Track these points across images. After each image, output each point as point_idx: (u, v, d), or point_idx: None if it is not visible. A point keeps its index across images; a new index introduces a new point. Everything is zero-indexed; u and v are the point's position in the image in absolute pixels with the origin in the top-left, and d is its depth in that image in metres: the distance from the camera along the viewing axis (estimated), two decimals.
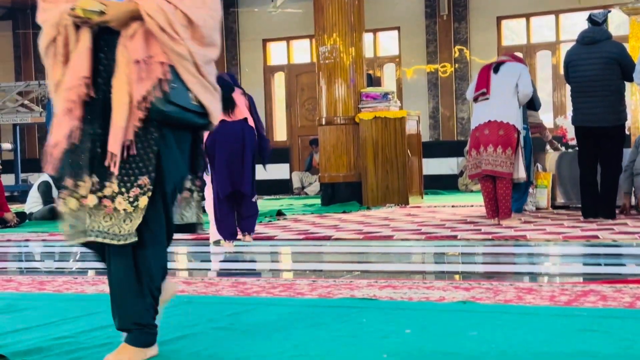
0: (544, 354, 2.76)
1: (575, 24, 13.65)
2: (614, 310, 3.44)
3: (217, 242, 6.63)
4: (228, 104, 6.35)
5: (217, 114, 2.89)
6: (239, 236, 6.64)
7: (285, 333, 3.23)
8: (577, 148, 8.20)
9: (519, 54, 7.90)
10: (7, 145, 15.34)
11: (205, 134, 6.23)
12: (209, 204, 6.69)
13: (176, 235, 7.02)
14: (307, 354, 2.88)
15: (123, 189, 2.73)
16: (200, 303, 4.00)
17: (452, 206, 10.27)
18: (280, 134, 16.30)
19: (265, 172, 7.05)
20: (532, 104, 7.91)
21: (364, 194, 10.94)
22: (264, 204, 12.50)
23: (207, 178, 6.49)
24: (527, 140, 8.04)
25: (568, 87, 8.07)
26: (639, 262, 5.23)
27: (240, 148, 6.44)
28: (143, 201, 2.74)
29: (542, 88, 14.63)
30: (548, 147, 9.69)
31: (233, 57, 16.28)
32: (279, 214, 9.61)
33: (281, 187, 15.30)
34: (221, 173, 6.46)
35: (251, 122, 6.53)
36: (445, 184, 14.28)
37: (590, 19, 7.69)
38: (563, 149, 9.75)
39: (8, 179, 14.58)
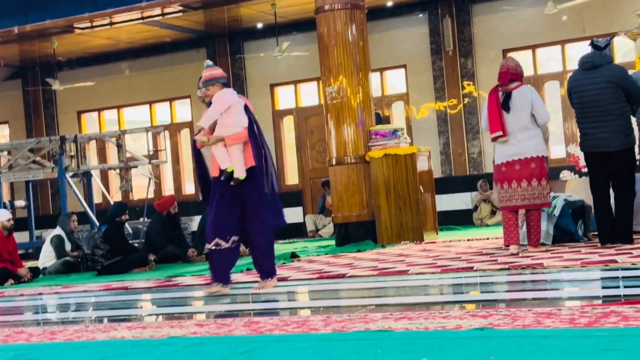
0: None
1: (581, 53, 13.61)
2: (636, 329, 3.34)
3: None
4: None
5: None
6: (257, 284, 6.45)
7: None
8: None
9: (513, 63, 7.80)
10: (20, 203, 15.36)
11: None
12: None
13: (189, 280, 6.90)
14: None
15: None
16: (212, 343, 3.91)
17: (468, 240, 10.17)
18: (291, 177, 16.28)
19: None
20: None
21: (378, 233, 10.85)
22: (278, 247, 12.41)
23: None
24: None
25: None
26: None
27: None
28: None
29: (552, 120, 14.55)
30: (562, 174, 9.63)
31: None
32: (293, 256, 9.54)
33: (295, 231, 15.20)
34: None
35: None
36: (459, 219, 14.17)
37: (592, 44, 7.66)
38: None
39: (22, 236, 14.57)
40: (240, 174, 6.04)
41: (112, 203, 12.82)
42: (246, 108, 6.23)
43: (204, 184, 6.38)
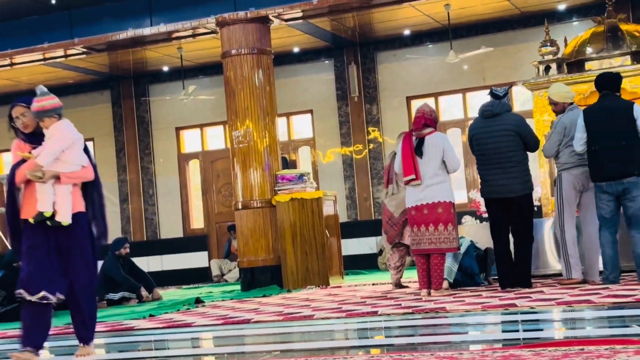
0: None
1: (481, 101, 14.01)
2: None
3: None
4: None
5: None
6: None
7: None
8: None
9: (428, 109, 8.07)
10: None
11: None
12: None
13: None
14: None
15: None
16: None
17: (373, 284, 10.25)
18: (197, 221, 16.13)
19: (182, 261, 6.89)
20: None
21: (284, 277, 10.83)
22: (182, 293, 12.25)
23: None
24: None
25: None
26: (556, 327, 5.26)
27: None
28: None
29: None
30: (463, 219, 9.82)
31: (146, 146, 16.16)
32: (198, 301, 9.41)
33: (200, 276, 15.02)
34: None
35: None
36: (365, 263, 14.27)
37: (491, 93, 7.93)
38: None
39: None
40: (65, 218, 5.13)
41: (9, 248, 12.43)
42: (86, 146, 5.51)
43: (16, 227, 5.28)
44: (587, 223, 7.72)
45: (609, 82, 7.52)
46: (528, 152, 7.80)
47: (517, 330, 5.22)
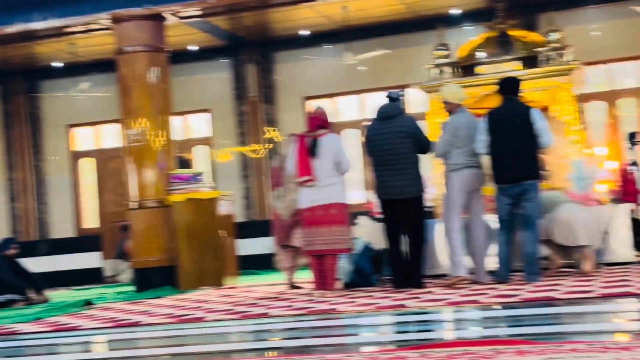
0: None
1: (377, 103, 14.17)
2: None
3: None
4: None
5: None
6: None
7: None
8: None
9: (321, 110, 8.12)
10: None
11: None
12: None
13: None
14: None
15: None
16: None
17: (267, 285, 10.24)
18: (90, 221, 15.78)
19: (75, 261, 6.73)
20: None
21: (178, 278, 10.69)
22: (73, 294, 11.96)
23: None
24: None
25: None
26: (445, 327, 5.36)
27: None
28: None
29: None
30: (358, 219, 9.91)
31: (37, 144, 15.71)
32: (87, 303, 9.20)
33: (92, 276, 14.69)
34: None
35: None
36: (261, 263, 14.22)
37: (388, 96, 8.02)
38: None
39: None
40: None
41: None
42: None
43: None
44: (474, 225, 7.88)
45: (511, 87, 7.70)
46: (421, 154, 7.91)
47: (407, 332, 5.29)
